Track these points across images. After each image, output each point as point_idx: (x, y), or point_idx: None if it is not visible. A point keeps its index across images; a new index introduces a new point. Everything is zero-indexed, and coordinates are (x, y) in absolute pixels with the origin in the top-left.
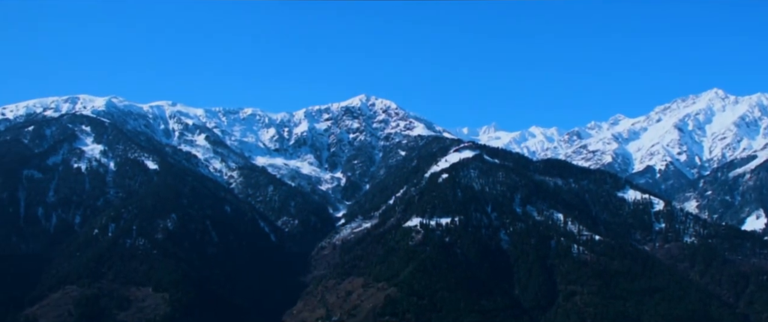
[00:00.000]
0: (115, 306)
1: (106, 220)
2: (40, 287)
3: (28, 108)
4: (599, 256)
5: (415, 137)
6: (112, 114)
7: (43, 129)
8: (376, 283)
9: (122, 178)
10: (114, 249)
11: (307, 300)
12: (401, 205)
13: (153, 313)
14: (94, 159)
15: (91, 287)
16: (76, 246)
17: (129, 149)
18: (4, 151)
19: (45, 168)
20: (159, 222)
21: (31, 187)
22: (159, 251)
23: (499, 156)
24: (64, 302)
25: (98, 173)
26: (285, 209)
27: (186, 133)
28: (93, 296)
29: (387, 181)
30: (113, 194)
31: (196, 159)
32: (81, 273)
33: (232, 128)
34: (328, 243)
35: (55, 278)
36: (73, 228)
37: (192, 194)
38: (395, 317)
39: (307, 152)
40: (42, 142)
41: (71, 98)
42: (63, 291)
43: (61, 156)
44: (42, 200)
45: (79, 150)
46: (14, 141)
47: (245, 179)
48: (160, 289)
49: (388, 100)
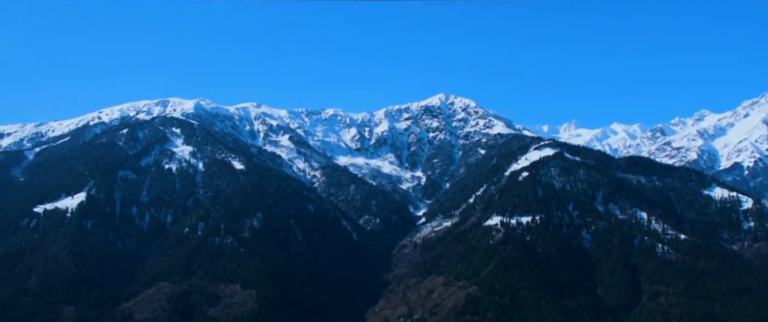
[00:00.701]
0: (205, 302)
1: (195, 219)
2: (135, 283)
3: (123, 111)
4: (685, 255)
5: (495, 136)
6: (200, 116)
7: (136, 132)
8: (457, 281)
9: (210, 178)
10: (203, 247)
11: (389, 298)
12: (481, 203)
13: (241, 309)
14: (183, 160)
15: (182, 283)
16: (167, 244)
17: (216, 150)
18: (100, 153)
19: (138, 169)
20: (246, 221)
21: (126, 187)
22: (246, 249)
23: (580, 154)
24: (157, 298)
25: (188, 173)
26: (366, 207)
27: (270, 133)
28: (184, 292)
29: (467, 179)
30: (202, 193)
31: (280, 159)
32: (173, 270)
33: (314, 129)
34: (409, 241)
35: (148, 274)
36: (165, 227)
37: (277, 193)
38: (476, 316)
39: (387, 152)
40: (135, 144)
41: (162, 101)
42: (156, 287)
43: (153, 157)
44: (136, 199)
45: (170, 151)
46: (110, 143)
47: (328, 178)
48: (248, 286)
49: (467, 99)
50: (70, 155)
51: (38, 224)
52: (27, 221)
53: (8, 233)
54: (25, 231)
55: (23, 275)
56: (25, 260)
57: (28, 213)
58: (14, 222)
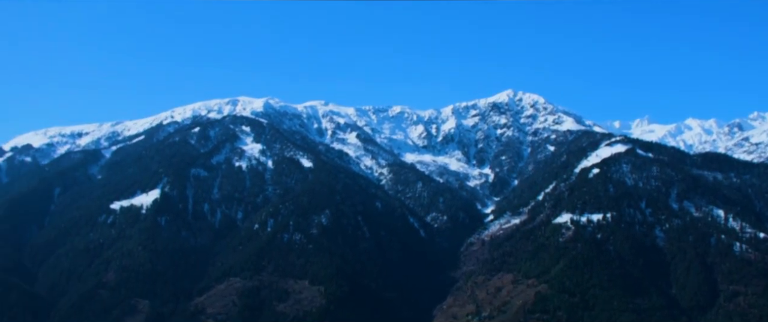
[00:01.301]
0: (275, 298)
1: (265, 216)
2: (206, 278)
3: (194, 111)
4: (765, 254)
5: (564, 132)
6: (269, 115)
7: (207, 130)
8: (526, 279)
9: (279, 175)
10: (273, 243)
11: (457, 296)
12: (550, 201)
13: (310, 305)
14: (253, 158)
15: (252, 279)
16: (238, 240)
17: (285, 148)
18: (173, 151)
19: (210, 167)
20: (314, 218)
21: (198, 185)
22: (314, 245)
23: (653, 150)
24: (228, 293)
25: (257, 171)
26: (434, 205)
27: (338, 131)
28: (254, 287)
29: (535, 176)
30: (271, 191)
31: (347, 157)
32: (243, 266)
33: (381, 126)
34: (477, 239)
35: (220, 270)
36: (236, 223)
37: (344, 190)
38: (546, 315)
39: (454, 149)
40: (207, 142)
41: (232, 100)
42: (227, 283)
43: (224, 155)
44: (207, 196)
45: (240, 149)
46: (182, 142)
47: (395, 175)
48: (316, 282)
49: (535, 95)
50: (144, 154)
51: (115, 221)
52: (104, 217)
53: (87, 228)
54: (103, 227)
55: (101, 269)
56: (103, 254)
57: (106, 210)
58: (92, 218)
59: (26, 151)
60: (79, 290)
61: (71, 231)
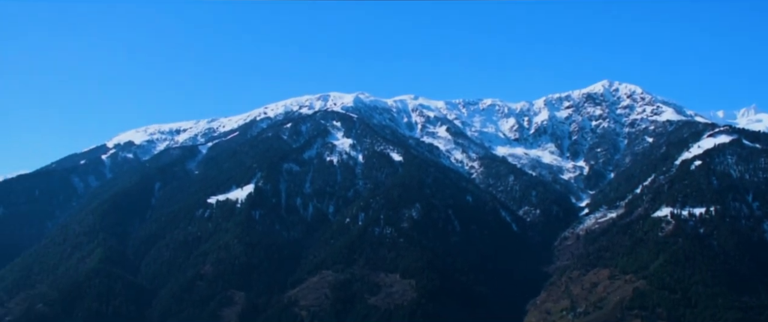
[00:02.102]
0: (367, 291)
1: (356, 210)
2: (299, 271)
3: (287, 107)
4: None
5: (664, 123)
6: (359, 109)
7: (299, 126)
8: (623, 275)
9: (370, 170)
10: (364, 237)
11: (551, 291)
12: (649, 194)
13: (401, 299)
14: (344, 152)
15: (344, 272)
16: (330, 234)
17: (375, 142)
18: (266, 147)
19: (302, 161)
20: (404, 212)
21: (291, 179)
22: (405, 239)
23: (761, 140)
24: (320, 286)
25: (348, 165)
26: (526, 198)
27: (428, 125)
28: (346, 280)
29: (633, 169)
30: (362, 185)
31: (437, 150)
32: (335, 259)
33: (471, 119)
34: (572, 233)
35: (312, 263)
36: (327, 217)
37: (435, 184)
38: (645, 311)
39: (547, 141)
40: (298, 137)
41: (323, 96)
42: (320, 275)
43: (316, 150)
44: (300, 191)
45: (331, 144)
46: (275, 137)
47: (486, 169)
48: (407, 275)
49: (632, 85)
50: (239, 149)
51: (211, 214)
52: (201, 211)
53: (185, 222)
54: (200, 221)
55: (199, 261)
56: (201, 247)
57: (203, 204)
58: (190, 212)
59: (128, 148)
60: (179, 281)
61: (171, 224)
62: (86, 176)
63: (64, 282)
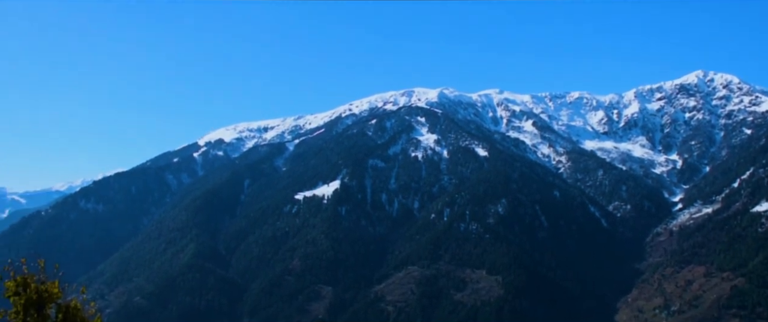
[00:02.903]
0: (452, 287)
1: (441, 205)
2: (385, 266)
3: (371, 103)
4: None
5: (763, 113)
6: (443, 105)
7: (383, 122)
8: (720, 272)
9: (455, 165)
10: (449, 233)
11: (643, 288)
12: (748, 188)
13: (487, 295)
14: (428, 148)
15: (430, 268)
16: (415, 229)
17: (460, 138)
18: (352, 143)
19: (387, 157)
20: (490, 207)
21: (376, 175)
22: (491, 235)
23: None
24: (406, 281)
25: (433, 161)
26: (616, 193)
27: (513, 119)
28: (432, 276)
29: (730, 162)
30: (447, 180)
31: (523, 145)
32: (421, 255)
33: (558, 113)
34: (664, 229)
35: (398, 258)
36: (413, 213)
37: (521, 179)
38: (743, 310)
39: (638, 134)
40: (383, 134)
41: (407, 92)
42: (405, 271)
43: (400, 146)
44: (385, 186)
45: (416, 140)
46: (360, 134)
47: (573, 163)
48: (493, 272)
49: (729, 75)
50: (325, 146)
51: (299, 210)
52: (289, 207)
53: (273, 218)
54: (288, 216)
55: (287, 256)
56: (289, 242)
57: (290, 200)
58: (278, 208)
59: (218, 146)
60: (268, 276)
61: (260, 220)
62: (179, 173)
63: (159, 276)
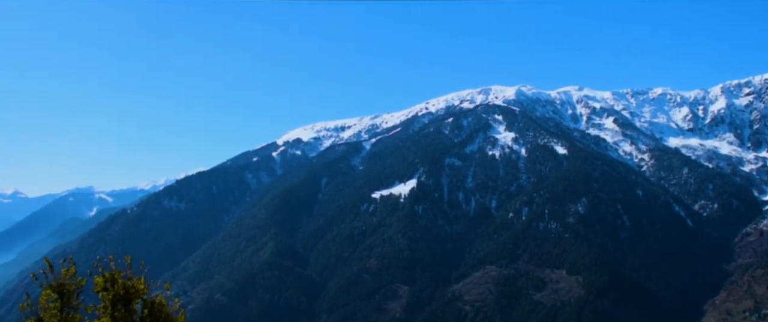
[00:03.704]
0: (531, 287)
1: (519, 204)
2: (463, 265)
3: (448, 101)
4: None
5: None
6: (521, 102)
7: (460, 120)
8: None
9: (533, 163)
10: (528, 232)
11: (731, 290)
12: None
13: (567, 295)
14: (506, 146)
15: (508, 267)
16: (493, 228)
17: (538, 136)
18: (428, 142)
19: (463, 156)
20: (570, 206)
21: (452, 174)
22: (571, 234)
23: None
24: (484, 281)
25: (510, 159)
26: (702, 192)
27: (593, 117)
28: (510, 276)
29: None
30: (525, 179)
31: (604, 143)
32: (499, 254)
33: (641, 110)
34: (754, 229)
35: (475, 257)
36: (490, 211)
37: (602, 177)
38: None
39: (725, 131)
40: (460, 132)
41: (484, 90)
42: (483, 271)
43: (477, 144)
44: (462, 185)
45: (493, 138)
46: (437, 132)
47: (657, 161)
48: (574, 272)
49: None
50: (401, 145)
51: (376, 209)
52: (366, 206)
53: (350, 216)
54: (365, 215)
55: (364, 255)
56: (366, 241)
57: (367, 199)
58: (355, 207)
59: (296, 145)
60: (345, 274)
61: (337, 219)
62: (258, 172)
63: (239, 274)
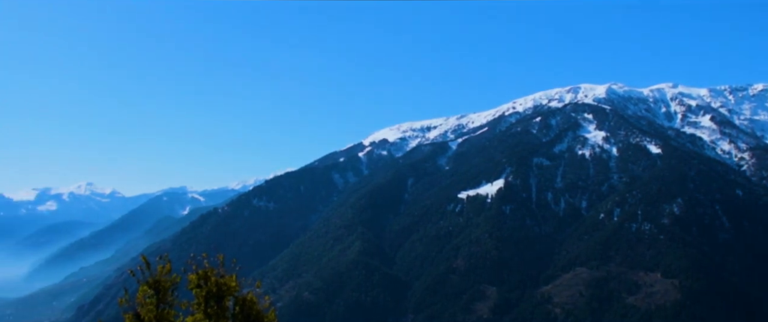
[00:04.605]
0: (624, 290)
1: (611, 205)
2: (552, 267)
3: (535, 101)
4: None
5: None
6: (612, 101)
7: (548, 119)
8: None
9: (625, 163)
10: (620, 233)
11: None
12: None
13: (662, 299)
14: (596, 145)
15: (599, 269)
16: (583, 229)
17: (630, 134)
18: (516, 141)
19: (552, 156)
20: (664, 207)
21: (541, 173)
22: (666, 236)
23: None
24: (574, 283)
25: (601, 158)
26: None
27: (689, 114)
28: (602, 278)
29: None
30: (616, 179)
31: (701, 141)
32: (589, 256)
33: (740, 107)
34: None
35: (565, 259)
36: (580, 212)
37: (698, 177)
38: None
39: None
40: (548, 131)
41: (573, 88)
42: (573, 272)
43: (566, 144)
44: (550, 185)
45: (582, 137)
46: (524, 132)
47: (758, 160)
48: (669, 275)
49: None
50: (488, 144)
51: (462, 209)
52: (452, 206)
53: (437, 216)
54: (451, 215)
55: (451, 255)
56: (452, 241)
57: (454, 199)
58: (442, 207)
59: (383, 146)
60: (432, 274)
61: (423, 219)
62: (345, 172)
63: (326, 272)
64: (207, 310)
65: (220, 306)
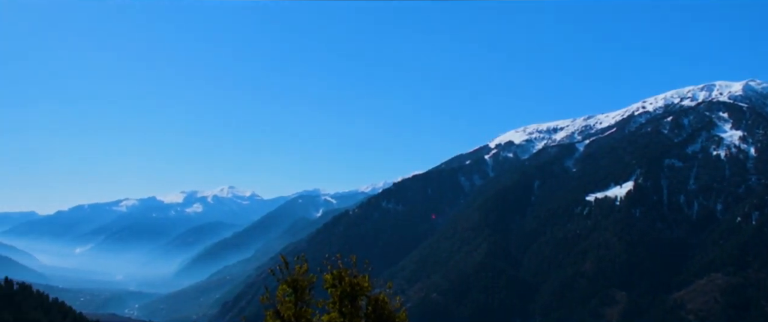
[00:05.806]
0: (763, 297)
1: (748, 208)
2: (685, 272)
3: (666, 99)
4: None
5: None
6: (749, 98)
7: (680, 119)
8: None
9: (764, 164)
10: (759, 238)
11: None
12: None
13: None
14: (733, 145)
15: (736, 275)
16: (718, 233)
17: None
18: (646, 142)
19: (684, 156)
20: None
21: (672, 175)
22: None
23: None
24: (709, 289)
25: (738, 159)
26: None
27: None
28: (739, 285)
29: None
30: (755, 180)
31: None
32: (725, 261)
33: None
34: None
35: (699, 264)
36: (715, 215)
37: None
38: None
39: None
40: (680, 131)
41: (707, 86)
42: (708, 278)
43: (700, 144)
44: (683, 187)
45: (717, 137)
46: (654, 132)
47: None
48: None
49: None
50: (616, 145)
51: (590, 212)
52: (580, 209)
53: (564, 219)
54: (579, 218)
55: (579, 259)
56: (580, 245)
57: (581, 201)
58: (569, 210)
59: (508, 148)
60: (559, 278)
61: (550, 221)
62: (471, 174)
63: (453, 274)
64: (341, 309)
65: (354, 305)
